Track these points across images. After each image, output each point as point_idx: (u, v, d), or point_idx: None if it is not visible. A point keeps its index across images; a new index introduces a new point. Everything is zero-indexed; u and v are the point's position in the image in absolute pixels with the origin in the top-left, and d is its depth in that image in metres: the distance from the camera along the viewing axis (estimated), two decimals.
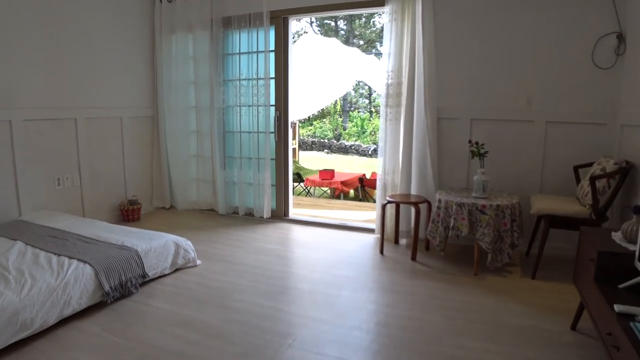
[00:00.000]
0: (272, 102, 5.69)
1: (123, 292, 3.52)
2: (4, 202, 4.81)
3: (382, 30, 8.89)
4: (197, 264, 4.30)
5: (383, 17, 4.98)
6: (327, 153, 19.38)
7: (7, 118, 4.76)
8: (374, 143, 20.45)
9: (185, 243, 4.23)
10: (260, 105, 5.72)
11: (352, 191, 8.47)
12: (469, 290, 3.71)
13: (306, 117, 11.28)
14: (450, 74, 4.82)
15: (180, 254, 4.14)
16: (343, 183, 7.67)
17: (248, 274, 4.06)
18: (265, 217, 5.89)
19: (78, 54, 5.44)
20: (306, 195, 8.70)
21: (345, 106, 25.13)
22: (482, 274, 4.03)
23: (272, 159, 5.80)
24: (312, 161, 16.03)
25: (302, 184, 8.51)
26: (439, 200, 4.20)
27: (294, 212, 6.11)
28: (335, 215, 6.38)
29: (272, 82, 5.66)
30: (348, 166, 14.88)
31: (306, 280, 3.94)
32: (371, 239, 5.17)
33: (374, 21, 22.78)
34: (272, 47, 5.62)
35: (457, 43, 4.79)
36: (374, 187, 7.84)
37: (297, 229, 5.59)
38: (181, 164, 6.45)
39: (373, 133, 21.63)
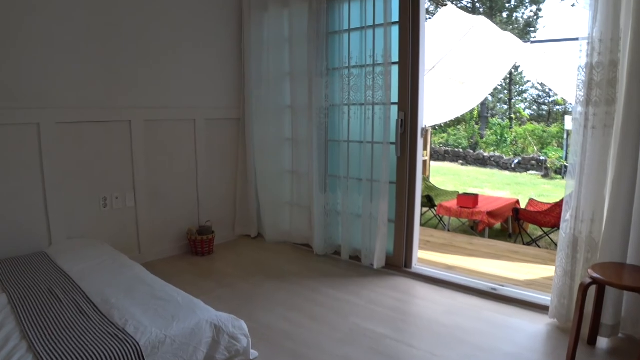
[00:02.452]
0: (394, 98, 3.83)
1: None
2: (31, 227, 3.71)
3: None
4: (251, 358, 2.59)
5: None
6: (462, 164, 16.99)
7: (35, 120, 3.61)
8: (516, 154, 17.63)
9: (233, 325, 2.53)
10: (377, 104, 3.90)
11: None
12: None
13: (442, 123, 9.34)
14: None
15: (221, 344, 2.46)
16: (490, 214, 5.61)
17: None
18: (376, 266, 4.05)
19: (133, 36, 4.10)
20: (436, 226, 6.68)
21: (484, 112, 22.45)
22: None
23: (391, 183, 3.94)
24: (445, 174, 13.83)
25: (433, 209, 6.51)
26: None
27: (419, 258, 4.19)
28: (480, 268, 4.36)
29: (395, 69, 3.81)
30: (488, 183, 12.48)
31: None
32: (543, 327, 3.11)
33: None
34: (395, 18, 3.77)
35: None
36: (533, 222, 5.63)
37: (422, 293, 3.68)
38: (272, 182, 4.87)
39: (514, 143, 18.83)
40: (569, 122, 14.51)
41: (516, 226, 6.47)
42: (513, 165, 15.66)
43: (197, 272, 4.13)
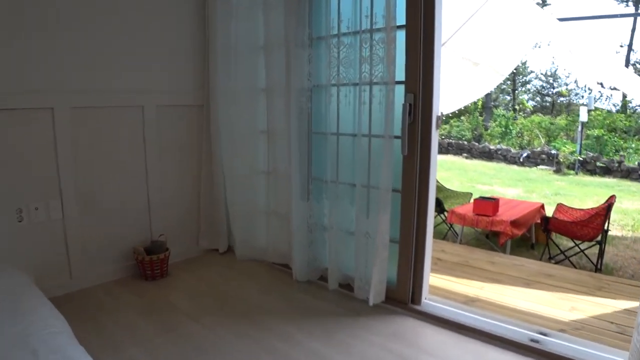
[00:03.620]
0: (399, 76, 2.78)
1: None
2: None
3: None
4: None
5: None
6: (467, 158, 15.95)
7: None
8: (522, 147, 16.61)
9: None
10: (377, 83, 2.85)
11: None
12: None
13: (448, 112, 8.19)
14: None
15: None
16: (514, 224, 4.59)
17: None
18: (373, 301, 3.01)
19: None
20: (445, 235, 5.65)
21: (488, 102, 21.41)
22: None
23: (394, 191, 2.91)
24: (449, 169, 12.81)
25: (442, 214, 5.48)
26: None
27: (430, 288, 3.17)
28: (510, 301, 3.36)
29: (400, 36, 2.75)
30: (497, 179, 11.46)
31: None
32: None
33: None
34: None
35: None
36: (567, 234, 4.62)
37: (436, 346, 2.66)
38: (244, 185, 3.86)
39: (520, 135, 17.83)
40: (584, 114, 13.48)
41: (541, 235, 5.46)
42: (521, 159, 14.64)
43: (141, 306, 3.13)
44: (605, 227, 4.55)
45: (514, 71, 22.60)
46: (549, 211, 5.50)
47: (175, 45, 3.76)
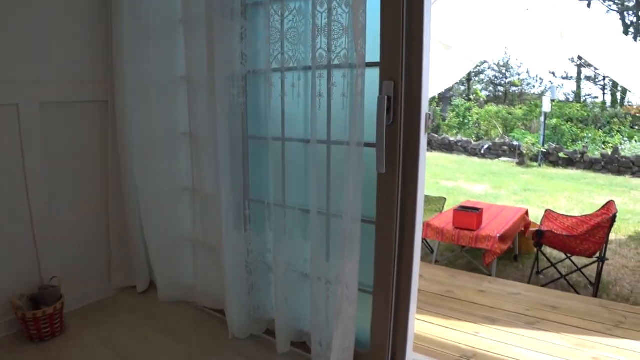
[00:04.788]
0: (372, 55, 1.86)
1: None
2: None
3: None
4: None
5: None
6: (427, 150, 15.28)
7: None
8: (479, 137, 16.16)
9: None
10: (338, 66, 1.94)
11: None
12: None
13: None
14: None
15: None
16: (501, 239, 3.81)
17: None
18: None
19: None
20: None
21: (446, 92, 20.93)
22: None
23: (366, 222, 2.01)
24: None
25: None
26: None
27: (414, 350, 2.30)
28: (515, 352, 2.54)
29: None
30: (461, 174, 10.79)
31: None
32: None
33: None
34: None
35: None
36: (564, 249, 3.87)
37: None
38: (163, 207, 2.92)
39: (477, 125, 17.43)
40: (547, 104, 13.04)
41: (524, 245, 4.73)
42: (482, 151, 14.11)
43: None
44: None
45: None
46: (533, 214, 4.77)
47: (69, 23, 2.75)
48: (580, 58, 22.71)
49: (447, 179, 9.87)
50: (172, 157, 2.84)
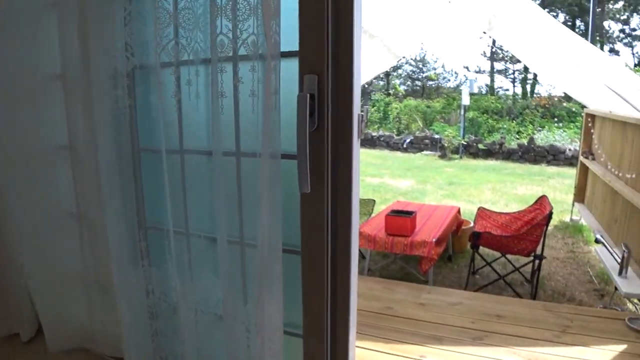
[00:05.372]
0: (289, 43, 1.45)
1: None
2: None
3: None
4: None
5: None
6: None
7: None
8: (399, 132, 16.25)
9: None
10: (245, 57, 1.51)
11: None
12: None
13: None
14: None
15: None
16: (438, 243, 3.55)
17: None
18: None
19: None
20: None
21: (367, 87, 20.97)
22: None
23: (288, 251, 1.60)
24: None
25: None
26: None
27: None
28: None
29: None
30: (386, 169, 10.66)
31: None
32: None
33: None
34: None
35: None
36: (501, 249, 3.68)
37: None
38: (42, 237, 2.32)
39: (398, 119, 17.53)
40: (466, 97, 13.23)
41: (457, 243, 4.54)
42: (405, 145, 14.14)
43: None
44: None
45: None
46: (462, 208, 4.57)
47: None
48: (493, 52, 23.62)
49: (372, 176, 9.68)
50: (49, 177, 2.29)
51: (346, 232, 1.52)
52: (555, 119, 16.04)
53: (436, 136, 13.71)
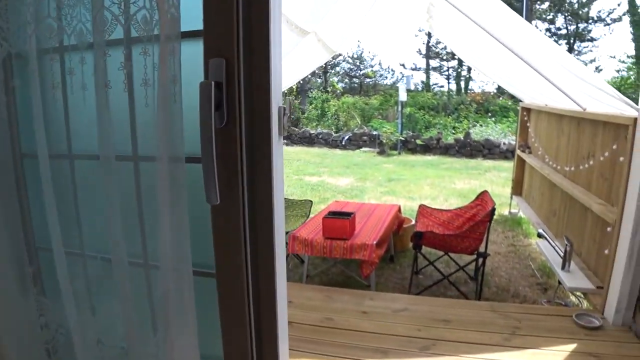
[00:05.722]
0: (191, 21, 1.19)
1: None
2: None
3: None
4: None
5: None
6: (287, 144, 14.90)
7: None
8: (338, 129, 16.18)
9: None
10: (136, 40, 1.23)
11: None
12: None
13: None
14: None
15: None
16: (379, 245, 3.36)
17: None
18: None
19: None
20: (289, 265, 4.25)
21: (303, 84, 20.80)
22: None
23: (200, 274, 1.33)
24: None
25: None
26: None
27: None
28: None
29: None
30: (325, 168, 10.49)
31: None
32: None
33: None
34: None
35: None
36: (445, 248, 3.55)
37: None
38: None
39: (336, 117, 17.44)
40: (403, 93, 13.28)
41: (398, 242, 4.41)
42: (343, 143, 14.04)
43: None
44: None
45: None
46: (402, 204, 4.42)
47: None
48: (429, 48, 24.02)
49: (311, 174, 9.48)
50: None
51: (268, 248, 1.27)
52: (489, 114, 16.49)
53: (374, 133, 13.69)
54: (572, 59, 4.47)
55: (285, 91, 19.65)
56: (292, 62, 4.65)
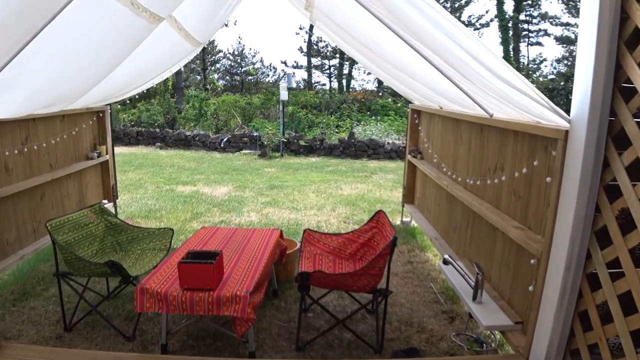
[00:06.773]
0: None
1: None
2: None
3: None
4: None
5: None
6: (161, 148, 13.50)
7: None
8: (218, 129, 15.14)
9: None
10: None
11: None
12: None
13: (128, 96, 5.74)
14: None
15: None
16: (256, 290, 2.52)
17: None
18: None
19: None
20: (133, 333, 3.28)
21: (179, 82, 19.35)
22: None
23: None
24: (141, 167, 10.16)
25: (124, 285, 3.04)
26: None
27: None
28: None
29: None
30: (201, 175, 9.43)
31: None
32: None
33: None
34: None
35: None
36: (339, 287, 2.83)
37: None
38: None
39: (216, 116, 16.35)
40: (284, 93, 12.57)
41: (282, 272, 3.65)
42: (222, 145, 13.00)
43: None
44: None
45: (202, 49, 21.08)
46: (284, 217, 3.65)
47: None
48: (312, 44, 23.62)
49: (184, 183, 8.39)
50: None
51: None
52: (369, 113, 16.39)
53: (255, 134, 12.84)
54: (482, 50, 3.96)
55: (159, 86, 18.11)
56: (143, 56, 3.66)
